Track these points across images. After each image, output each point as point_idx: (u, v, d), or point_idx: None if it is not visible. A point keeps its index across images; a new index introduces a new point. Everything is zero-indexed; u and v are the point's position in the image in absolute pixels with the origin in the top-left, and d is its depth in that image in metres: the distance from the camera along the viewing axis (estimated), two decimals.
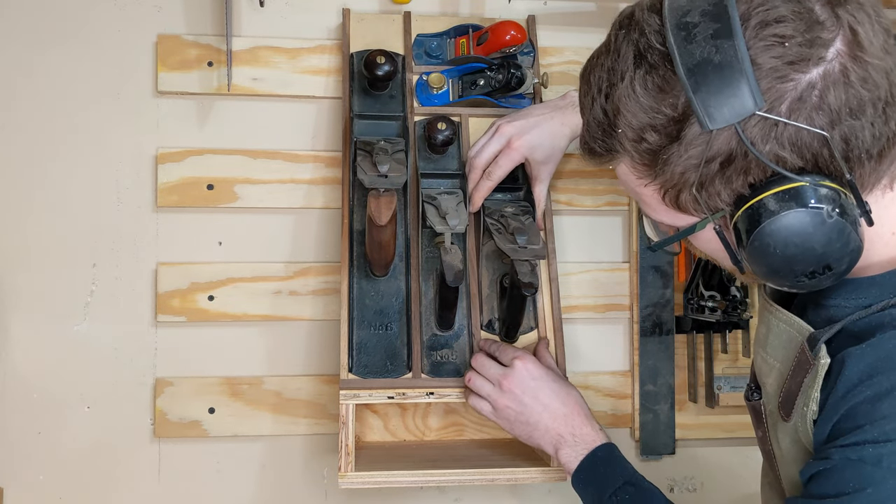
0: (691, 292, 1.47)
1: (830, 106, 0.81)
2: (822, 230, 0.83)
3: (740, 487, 1.52)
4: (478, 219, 1.37)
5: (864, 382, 0.88)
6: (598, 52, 0.92)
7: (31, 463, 1.38)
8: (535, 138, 1.33)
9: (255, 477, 1.43)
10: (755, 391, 1.07)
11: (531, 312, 1.36)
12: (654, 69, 0.85)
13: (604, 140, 0.90)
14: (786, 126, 0.81)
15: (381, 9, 1.49)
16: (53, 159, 1.41)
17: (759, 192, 0.84)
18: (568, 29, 1.53)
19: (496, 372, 1.25)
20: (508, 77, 1.39)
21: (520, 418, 1.23)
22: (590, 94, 0.90)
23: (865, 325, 0.91)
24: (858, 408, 0.87)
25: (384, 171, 1.24)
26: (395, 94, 1.42)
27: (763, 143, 0.82)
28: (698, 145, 0.84)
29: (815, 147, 0.82)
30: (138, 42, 1.44)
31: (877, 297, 0.92)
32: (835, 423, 0.90)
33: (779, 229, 0.83)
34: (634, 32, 0.87)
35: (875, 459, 0.85)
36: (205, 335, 1.42)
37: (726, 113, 0.81)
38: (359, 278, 1.34)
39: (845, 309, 0.93)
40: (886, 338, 0.88)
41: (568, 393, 1.24)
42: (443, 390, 1.29)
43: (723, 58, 0.81)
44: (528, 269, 1.23)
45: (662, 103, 0.84)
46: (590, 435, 1.20)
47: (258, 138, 1.45)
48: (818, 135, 0.81)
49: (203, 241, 1.44)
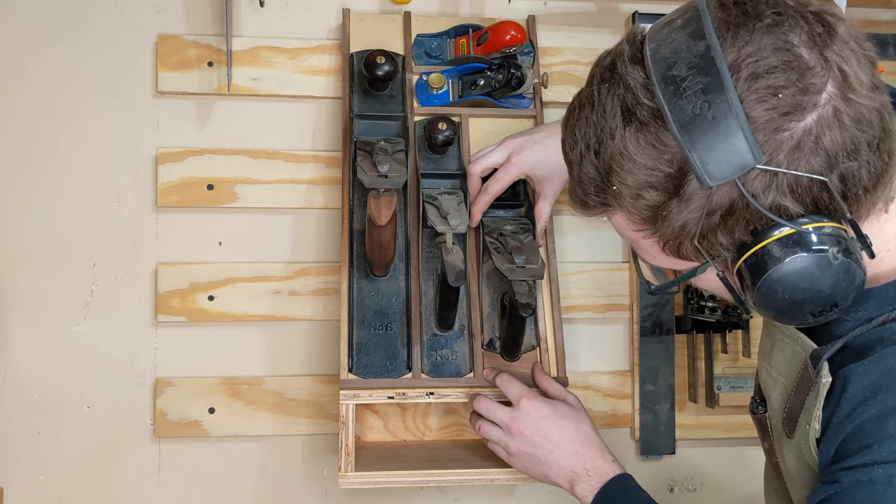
0: (691, 292, 1.47)
1: (827, 150, 0.80)
2: (829, 272, 0.82)
3: (740, 487, 1.52)
4: (478, 236, 1.36)
5: (868, 400, 0.87)
6: (579, 102, 0.89)
7: (31, 463, 1.38)
8: (537, 155, 1.32)
9: (255, 477, 1.43)
10: (760, 404, 1.06)
11: (532, 331, 1.35)
12: (644, 126, 0.83)
13: (597, 195, 0.89)
14: (785, 175, 0.80)
15: (381, 9, 1.49)
16: (53, 159, 1.41)
17: (761, 238, 0.83)
18: (568, 29, 1.53)
19: (503, 416, 1.23)
20: (508, 77, 1.39)
21: (532, 460, 1.22)
22: (577, 149, 0.88)
23: (866, 339, 0.90)
24: (864, 426, 0.86)
25: (384, 171, 1.24)
26: (395, 94, 1.42)
27: (765, 194, 0.81)
28: (698, 200, 0.82)
29: (815, 191, 0.81)
30: (138, 42, 1.44)
31: (876, 310, 0.91)
32: (840, 442, 0.89)
33: (786, 276, 0.82)
34: (619, 87, 0.85)
35: (886, 480, 0.84)
36: (205, 335, 1.42)
37: (725, 169, 0.80)
38: (359, 278, 1.34)
39: (847, 322, 0.93)
40: (888, 353, 0.88)
41: (577, 427, 1.22)
42: (443, 390, 1.29)
43: (716, 113, 0.79)
44: (526, 290, 1.22)
45: (658, 161, 0.83)
46: (602, 468, 1.19)
47: (258, 138, 1.45)
48: (817, 180, 0.80)
49: (203, 241, 1.44)
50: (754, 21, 0.81)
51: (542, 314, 1.36)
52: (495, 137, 1.39)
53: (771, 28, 0.80)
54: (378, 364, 1.30)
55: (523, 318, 1.23)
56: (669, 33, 0.84)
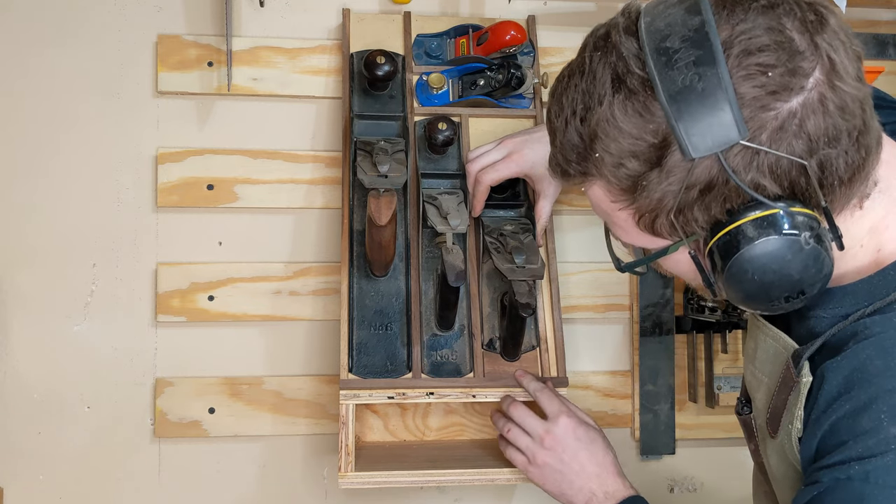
0: (691, 292, 1.47)
1: (809, 134, 0.81)
2: (799, 257, 0.84)
3: (740, 487, 1.52)
4: (478, 236, 1.36)
5: (842, 396, 0.87)
6: (569, 71, 0.90)
7: (31, 463, 1.38)
8: (536, 154, 1.32)
9: (255, 477, 1.43)
10: (745, 405, 1.07)
11: (532, 331, 1.35)
12: (633, 94, 0.84)
13: (578, 163, 0.90)
14: (766, 154, 0.81)
15: (381, 9, 1.49)
16: (53, 159, 1.41)
17: (736, 217, 0.84)
18: (568, 29, 1.53)
19: (538, 427, 1.25)
20: (508, 77, 1.39)
21: (556, 475, 1.23)
22: (562, 115, 0.89)
23: (842, 336, 0.91)
24: (840, 423, 0.87)
25: (384, 171, 1.24)
26: (395, 94, 1.42)
27: (745, 171, 0.82)
28: (679, 172, 0.83)
29: (794, 175, 0.82)
30: (138, 42, 1.44)
31: (852, 306, 0.92)
32: (819, 439, 0.89)
33: (757, 256, 0.84)
34: (611, 55, 0.85)
35: (863, 476, 0.84)
36: (205, 335, 1.42)
37: (709, 142, 0.81)
38: (359, 278, 1.34)
39: (824, 319, 0.94)
40: (860, 348, 0.88)
41: (605, 453, 1.24)
42: (443, 390, 1.29)
43: (706, 86, 0.81)
44: (526, 290, 1.22)
45: (643, 130, 0.83)
46: (620, 491, 1.21)
47: (258, 138, 1.45)
48: (797, 163, 0.81)
49: (203, 241, 1.44)
50: (750, 1, 0.83)
51: (542, 314, 1.36)
52: (495, 137, 1.38)
53: (766, 10, 0.82)
54: (378, 364, 1.30)
55: (523, 318, 1.23)
56: (666, 8, 0.85)
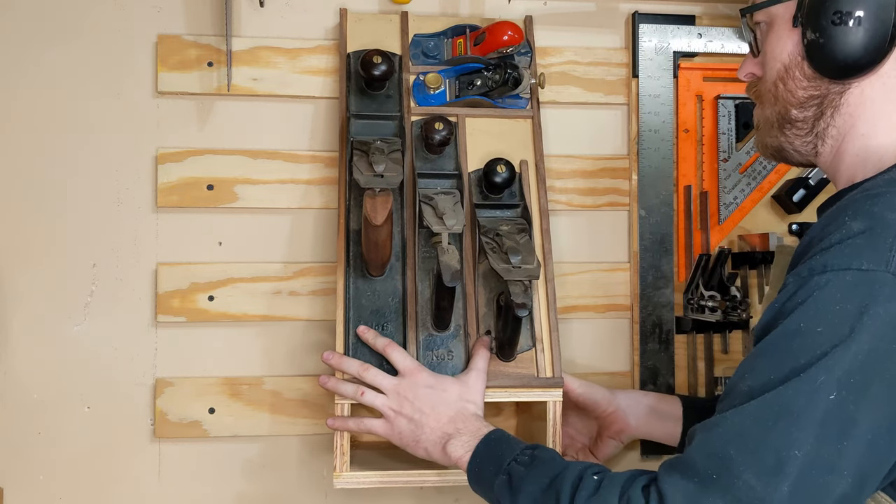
0: (691, 292, 1.46)
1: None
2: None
3: None
4: (474, 237, 1.36)
5: (818, 234, 0.96)
6: None
7: (31, 463, 1.39)
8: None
9: (255, 477, 1.43)
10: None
11: (528, 330, 1.34)
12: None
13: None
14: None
15: (379, 9, 1.49)
16: (53, 159, 1.42)
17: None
18: (568, 29, 1.53)
19: (387, 382, 1.24)
20: (505, 77, 1.39)
21: (410, 426, 1.21)
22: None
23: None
24: (812, 242, 0.96)
25: (380, 170, 1.24)
26: (392, 94, 1.42)
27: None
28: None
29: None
30: (138, 42, 1.44)
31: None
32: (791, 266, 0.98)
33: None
34: None
35: (821, 268, 0.92)
36: (205, 335, 1.43)
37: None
38: (355, 278, 1.34)
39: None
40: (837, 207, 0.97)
41: (461, 400, 1.22)
42: None
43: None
44: (521, 290, 1.21)
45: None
46: (478, 428, 1.18)
47: (258, 138, 1.45)
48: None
49: (203, 242, 1.44)
50: None
51: (537, 315, 1.35)
52: (492, 137, 1.39)
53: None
54: (374, 364, 1.29)
55: (519, 319, 1.23)
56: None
